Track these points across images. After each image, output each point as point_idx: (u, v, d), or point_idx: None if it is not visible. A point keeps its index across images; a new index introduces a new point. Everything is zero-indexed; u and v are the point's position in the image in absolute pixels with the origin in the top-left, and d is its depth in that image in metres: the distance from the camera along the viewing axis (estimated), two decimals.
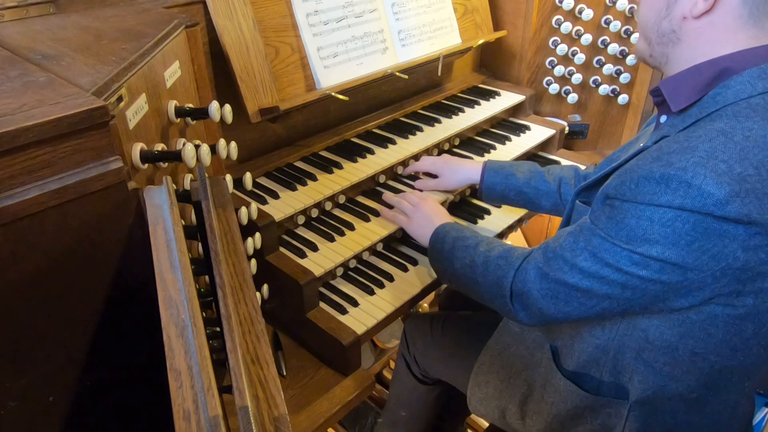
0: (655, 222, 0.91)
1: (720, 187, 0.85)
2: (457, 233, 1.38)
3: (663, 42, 1.04)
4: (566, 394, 1.22)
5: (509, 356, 1.37)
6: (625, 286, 0.99)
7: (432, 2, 1.98)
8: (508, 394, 1.36)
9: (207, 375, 0.62)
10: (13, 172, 0.78)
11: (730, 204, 0.85)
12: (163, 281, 0.76)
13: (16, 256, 0.81)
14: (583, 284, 1.03)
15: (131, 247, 0.93)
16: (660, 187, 0.90)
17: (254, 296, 0.82)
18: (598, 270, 1.00)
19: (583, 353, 1.18)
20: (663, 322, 1.04)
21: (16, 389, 0.87)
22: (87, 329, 0.93)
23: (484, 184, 1.62)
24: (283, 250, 1.50)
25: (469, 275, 1.26)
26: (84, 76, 0.93)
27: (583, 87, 2.25)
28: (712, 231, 0.88)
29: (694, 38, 1.00)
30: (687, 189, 0.87)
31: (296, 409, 1.34)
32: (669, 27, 1.02)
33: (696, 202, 0.87)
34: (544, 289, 1.08)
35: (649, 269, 0.95)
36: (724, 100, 0.95)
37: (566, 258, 1.05)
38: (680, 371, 1.07)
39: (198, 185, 0.97)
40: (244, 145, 1.56)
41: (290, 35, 1.61)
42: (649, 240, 0.92)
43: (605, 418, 1.18)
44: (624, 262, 0.96)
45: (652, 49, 1.08)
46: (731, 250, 0.89)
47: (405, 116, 2.05)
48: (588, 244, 1.01)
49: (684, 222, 0.89)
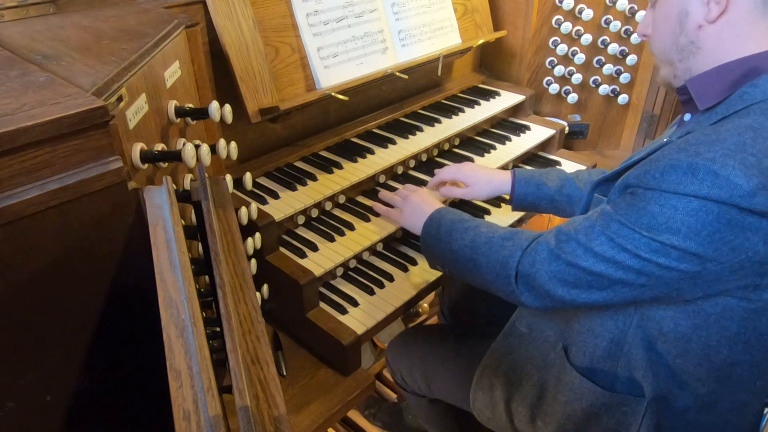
0: (680, 210, 0.91)
1: (749, 179, 0.86)
2: (455, 216, 1.36)
3: (684, 57, 1.06)
4: (581, 391, 1.20)
5: (517, 358, 1.35)
6: (640, 273, 0.98)
7: (432, 2, 1.98)
8: (518, 397, 1.33)
9: (207, 375, 0.62)
10: (13, 172, 0.78)
11: (757, 196, 0.86)
12: (163, 281, 0.76)
13: (16, 256, 0.81)
14: (596, 268, 1.02)
15: (131, 247, 0.93)
16: (687, 176, 0.90)
17: (254, 296, 0.82)
18: (615, 255, 1.00)
19: (597, 348, 1.17)
20: (678, 313, 1.04)
21: (15, 389, 0.87)
22: (87, 329, 0.93)
23: (515, 194, 1.58)
24: (283, 250, 1.50)
25: (469, 256, 1.24)
26: (84, 76, 0.93)
27: (583, 87, 2.25)
28: (735, 223, 0.89)
29: (715, 42, 1.01)
30: (714, 179, 0.88)
31: (296, 409, 1.34)
32: (687, 40, 1.03)
33: (723, 193, 0.87)
34: (553, 270, 1.07)
35: (668, 257, 0.95)
36: (752, 99, 0.96)
37: (581, 241, 1.04)
38: (693, 364, 1.07)
39: (198, 185, 0.97)
40: (244, 145, 1.56)
41: (290, 35, 1.61)
42: (671, 228, 0.92)
43: (621, 417, 1.17)
44: (643, 248, 0.96)
45: (676, 70, 1.09)
46: (753, 243, 0.90)
47: (405, 116, 2.05)
48: (605, 229, 1.01)
49: (708, 212, 0.89)
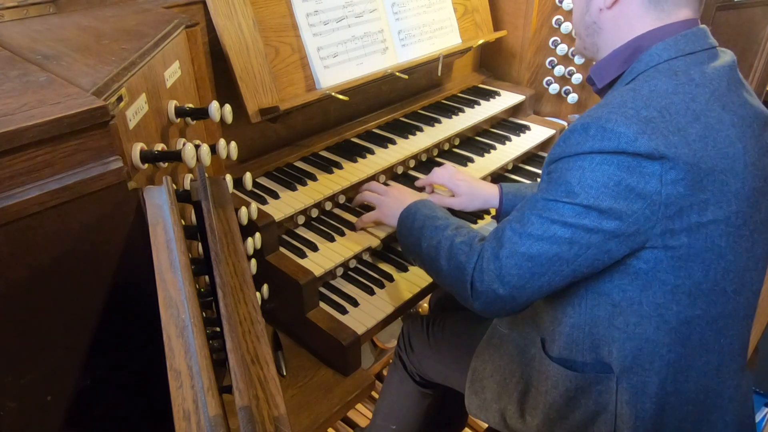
0: (586, 169, 1.02)
1: (628, 126, 0.99)
2: (429, 211, 1.38)
3: (589, 33, 1.23)
4: (556, 378, 1.24)
5: (500, 358, 1.38)
6: (571, 242, 1.05)
7: (432, 2, 1.98)
8: (506, 396, 1.36)
9: (207, 375, 0.62)
10: (13, 172, 0.78)
11: (638, 140, 0.98)
12: (163, 281, 0.76)
13: (16, 256, 0.81)
14: (533, 249, 1.08)
15: (131, 247, 0.93)
16: (582, 135, 1.03)
17: (254, 296, 0.82)
18: (546, 230, 1.07)
19: (562, 335, 1.21)
20: (621, 280, 1.10)
21: (16, 389, 0.87)
22: (87, 329, 0.93)
23: (503, 208, 1.61)
24: (283, 250, 1.50)
25: (434, 256, 1.27)
26: (84, 76, 0.93)
27: (583, 87, 2.25)
28: (633, 169, 0.99)
29: (612, 25, 1.18)
30: (603, 132, 1.00)
31: (296, 409, 1.34)
32: (591, 20, 1.21)
33: (612, 143, 0.99)
34: (496, 269, 1.11)
35: (590, 218, 1.03)
36: (638, 70, 1.12)
37: (515, 229, 1.11)
38: (651, 329, 1.11)
39: (198, 185, 0.97)
40: (244, 145, 1.56)
41: (290, 35, 1.61)
42: (585, 186, 1.02)
43: (597, 396, 1.20)
44: (568, 214, 1.04)
45: (584, 42, 1.27)
46: (652, 185, 0.99)
47: (405, 116, 2.05)
48: (533, 209, 1.09)
49: (609, 164, 1.00)
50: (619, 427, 1.19)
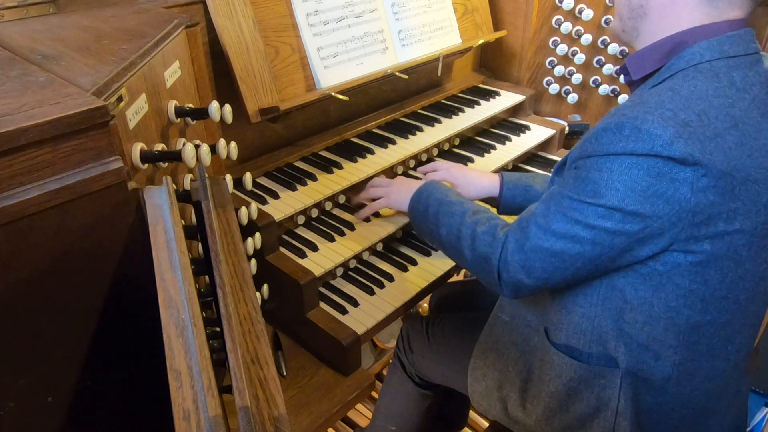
0: (614, 171, 0.99)
1: (665, 129, 0.95)
2: (442, 195, 1.38)
3: (633, 16, 1.16)
4: (560, 368, 1.24)
5: (503, 346, 1.38)
6: (594, 243, 1.05)
7: (432, 2, 1.98)
8: (508, 384, 1.37)
9: (207, 375, 0.62)
10: (13, 172, 0.78)
11: (674, 144, 0.94)
12: (163, 281, 0.76)
13: (16, 256, 0.81)
14: (556, 246, 1.08)
15: (131, 247, 0.93)
16: (615, 135, 0.99)
17: (254, 296, 0.82)
18: (569, 229, 1.06)
19: (571, 324, 1.21)
20: (635, 279, 1.09)
21: (16, 389, 0.87)
22: (87, 329, 0.93)
23: (503, 198, 1.61)
24: (283, 250, 1.50)
25: (455, 245, 1.28)
26: (84, 76, 0.93)
27: (583, 87, 2.25)
28: (663, 174, 0.96)
29: (659, 12, 1.11)
30: (638, 134, 0.96)
31: (296, 409, 1.34)
32: (638, 2, 1.14)
33: (646, 145, 0.96)
34: (522, 260, 1.12)
35: (614, 220, 1.01)
36: (677, 68, 1.06)
37: (540, 224, 1.10)
38: (660, 330, 1.11)
39: (198, 185, 0.97)
40: (244, 145, 1.56)
41: (290, 35, 1.61)
42: (611, 189, 1.00)
43: (599, 390, 1.20)
44: (592, 216, 1.03)
45: (624, 24, 1.19)
46: (682, 192, 0.97)
47: (405, 116, 2.05)
48: (559, 207, 1.08)
49: (639, 168, 0.97)
50: (619, 424, 1.19)
